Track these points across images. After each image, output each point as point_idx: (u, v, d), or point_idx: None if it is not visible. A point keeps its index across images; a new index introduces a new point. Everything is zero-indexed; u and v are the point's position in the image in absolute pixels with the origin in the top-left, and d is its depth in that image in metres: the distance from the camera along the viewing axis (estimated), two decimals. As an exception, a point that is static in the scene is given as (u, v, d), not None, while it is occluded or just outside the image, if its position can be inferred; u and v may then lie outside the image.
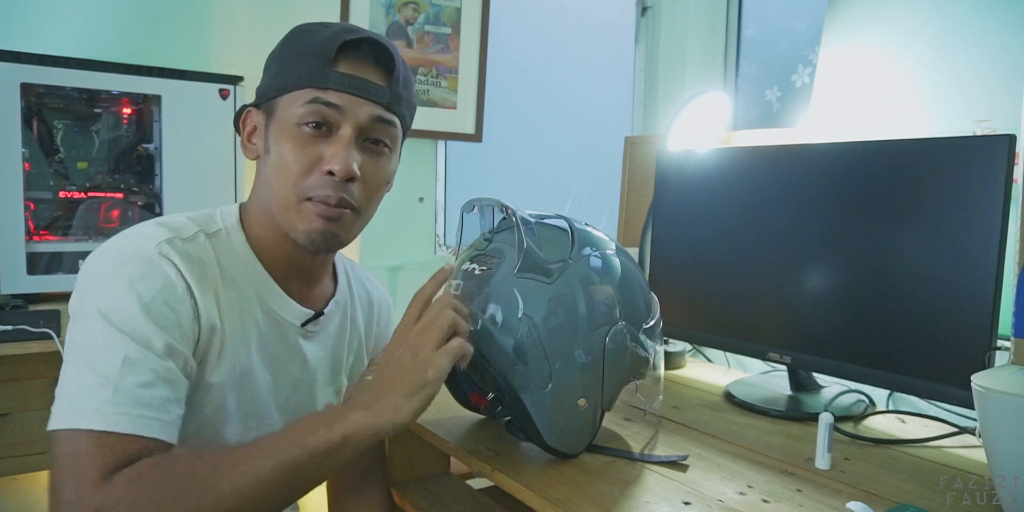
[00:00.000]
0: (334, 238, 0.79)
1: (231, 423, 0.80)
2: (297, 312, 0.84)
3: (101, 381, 0.66)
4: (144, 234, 0.74)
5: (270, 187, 0.79)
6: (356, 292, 0.96)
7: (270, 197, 0.79)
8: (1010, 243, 0.91)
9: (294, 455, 0.65)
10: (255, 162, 0.83)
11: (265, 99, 0.80)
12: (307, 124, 0.76)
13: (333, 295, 0.91)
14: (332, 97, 0.76)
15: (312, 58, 0.76)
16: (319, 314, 0.86)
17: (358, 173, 0.77)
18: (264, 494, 0.64)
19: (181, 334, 0.71)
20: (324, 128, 0.77)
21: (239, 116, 0.84)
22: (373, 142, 0.80)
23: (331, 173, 0.76)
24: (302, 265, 0.85)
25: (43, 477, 1.28)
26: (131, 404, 0.66)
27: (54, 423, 0.66)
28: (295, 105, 0.76)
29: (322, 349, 0.89)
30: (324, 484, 1.02)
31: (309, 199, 0.77)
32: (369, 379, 0.77)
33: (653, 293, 0.94)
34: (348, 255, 1.58)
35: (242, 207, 0.85)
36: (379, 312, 1.00)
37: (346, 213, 0.78)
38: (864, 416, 1.08)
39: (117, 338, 0.68)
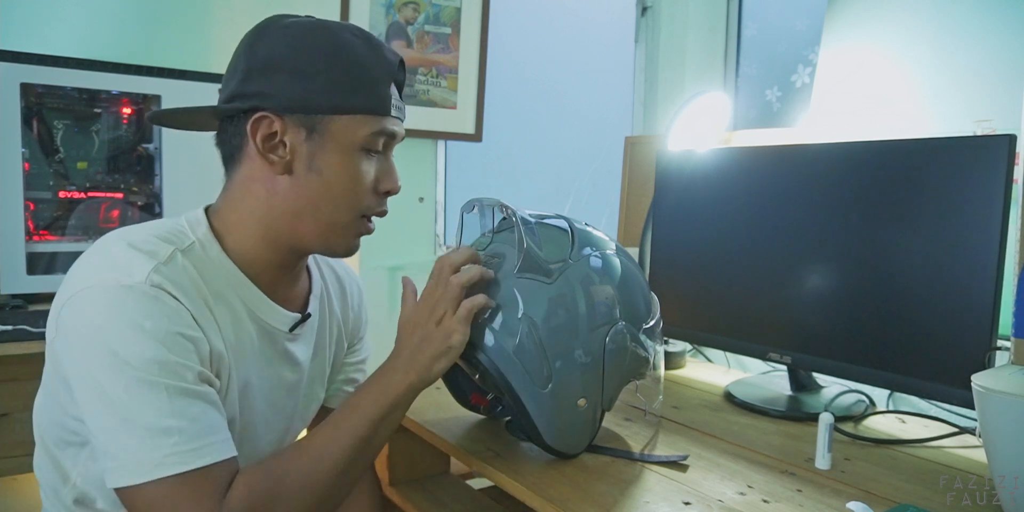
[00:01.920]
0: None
1: (233, 433, 0.79)
2: (285, 318, 0.83)
3: (161, 429, 0.66)
4: (124, 265, 0.70)
5: (319, 205, 0.77)
6: (327, 279, 0.95)
7: (313, 216, 0.78)
8: (1010, 243, 0.91)
9: (364, 428, 0.76)
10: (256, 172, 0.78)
11: (310, 112, 0.75)
12: (370, 150, 0.78)
13: (310, 289, 0.89)
14: (394, 126, 0.79)
15: (372, 82, 0.77)
16: (306, 317, 0.86)
17: None
18: (350, 466, 0.75)
19: (200, 359, 0.71)
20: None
21: (237, 116, 0.77)
22: None
23: (389, 193, 0.81)
24: (289, 268, 0.84)
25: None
26: (199, 437, 0.67)
27: (127, 479, 0.65)
28: (360, 130, 0.76)
29: (308, 348, 0.88)
30: None
31: (364, 217, 0.80)
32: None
33: (653, 293, 0.94)
34: (348, 255, 1.58)
35: (211, 215, 0.80)
36: (352, 296, 0.99)
37: None
38: (864, 416, 1.08)
39: (152, 384, 0.66)
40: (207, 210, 0.81)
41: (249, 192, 0.78)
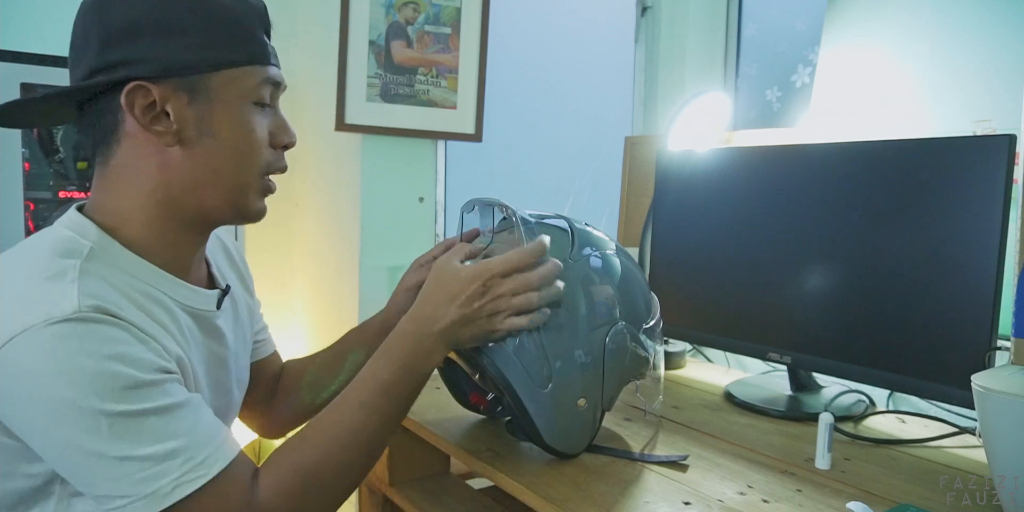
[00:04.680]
0: None
1: None
2: (208, 298, 0.79)
3: (164, 454, 0.62)
4: (45, 300, 0.61)
5: (218, 172, 0.72)
6: (210, 243, 0.88)
7: (215, 182, 0.72)
8: (1010, 243, 0.90)
9: (409, 389, 0.76)
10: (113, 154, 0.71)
11: (185, 73, 0.68)
12: (259, 103, 0.73)
13: (207, 265, 0.85)
14: (275, 74, 0.75)
15: (246, 31, 0.72)
16: (227, 291, 0.83)
17: None
18: (378, 442, 0.74)
19: (165, 367, 0.66)
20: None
21: (115, 92, 0.68)
22: None
23: (287, 146, 0.77)
24: (198, 246, 0.78)
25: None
26: (204, 446, 0.64)
27: (148, 510, 0.61)
28: (245, 84, 0.71)
29: (229, 319, 0.85)
30: None
31: (267, 175, 0.77)
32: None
33: (653, 293, 0.94)
34: (347, 255, 1.58)
35: (92, 214, 0.72)
36: (233, 253, 0.95)
37: None
38: (864, 416, 1.08)
39: (134, 417, 0.61)
40: (82, 210, 0.73)
41: (136, 174, 0.71)
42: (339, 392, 0.76)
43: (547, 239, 0.81)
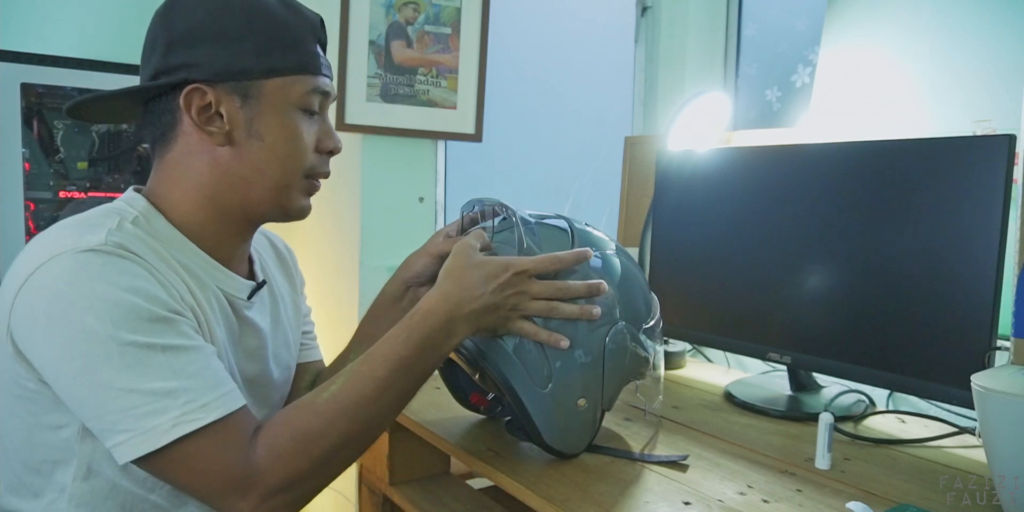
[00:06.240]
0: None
1: None
2: (242, 285, 0.82)
3: (167, 391, 0.64)
4: (76, 236, 0.67)
5: (262, 172, 0.76)
6: (260, 246, 0.94)
7: (261, 182, 0.77)
8: (1010, 243, 0.90)
9: (426, 368, 0.75)
10: (185, 147, 0.76)
11: (243, 78, 0.74)
12: (306, 111, 0.78)
13: (251, 259, 0.88)
14: (326, 85, 0.79)
15: (307, 41, 0.77)
16: (262, 284, 0.85)
17: None
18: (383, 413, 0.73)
19: (181, 312, 0.69)
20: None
21: (167, 90, 0.75)
22: None
23: (332, 152, 0.81)
24: (244, 239, 0.83)
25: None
26: (208, 391, 0.66)
27: (144, 447, 0.63)
28: (294, 91, 0.76)
29: (265, 315, 0.87)
30: None
31: (310, 177, 0.80)
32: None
33: (653, 293, 0.94)
34: (347, 255, 1.58)
35: (146, 195, 0.78)
36: (286, 256, 0.99)
37: None
38: (864, 416, 1.08)
39: (144, 348, 0.64)
40: (147, 194, 0.79)
41: (189, 168, 0.76)
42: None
43: (592, 253, 0.82)
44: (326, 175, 0.82)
